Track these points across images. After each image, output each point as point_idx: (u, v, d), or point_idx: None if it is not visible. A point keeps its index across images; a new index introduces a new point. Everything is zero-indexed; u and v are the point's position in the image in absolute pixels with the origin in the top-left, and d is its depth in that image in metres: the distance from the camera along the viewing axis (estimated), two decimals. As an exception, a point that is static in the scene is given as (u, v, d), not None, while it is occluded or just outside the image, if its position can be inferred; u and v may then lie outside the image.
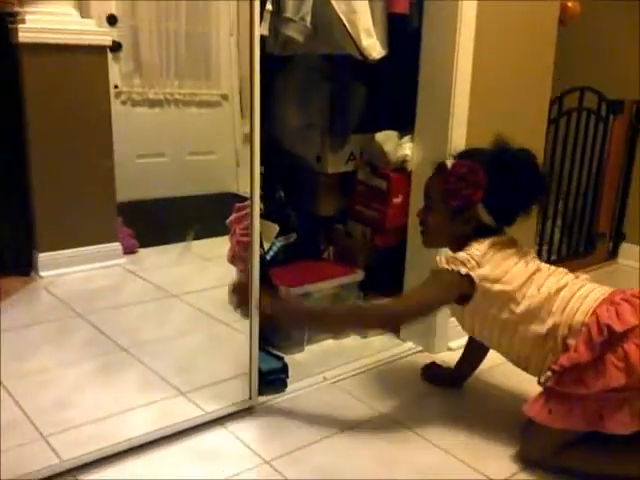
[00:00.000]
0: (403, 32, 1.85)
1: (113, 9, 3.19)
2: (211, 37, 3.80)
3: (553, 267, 1.53)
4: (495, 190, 1.47)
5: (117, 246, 2.70)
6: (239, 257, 2.13)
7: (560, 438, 1.40)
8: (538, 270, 1.50)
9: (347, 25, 1.76)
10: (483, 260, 1.45)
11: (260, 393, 1.64)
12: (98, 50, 2.52)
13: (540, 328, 1.43)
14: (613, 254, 3.05)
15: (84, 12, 2.62)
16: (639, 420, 1.32)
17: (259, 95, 1.48)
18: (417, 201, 1.95)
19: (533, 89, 2.10)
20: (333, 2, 1.74)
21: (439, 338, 1.98)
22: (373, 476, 1.41)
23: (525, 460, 1.46)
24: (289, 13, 1.65)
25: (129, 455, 1.43)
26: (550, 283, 1.46)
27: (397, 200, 1.99)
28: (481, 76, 1.87)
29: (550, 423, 1.38)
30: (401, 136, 1.97)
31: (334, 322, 1.60)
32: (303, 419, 1.61)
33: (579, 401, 1.35)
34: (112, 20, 3.20)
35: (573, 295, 1.44)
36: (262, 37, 1.49)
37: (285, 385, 1.72)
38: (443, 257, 1.49)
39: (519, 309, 1.44)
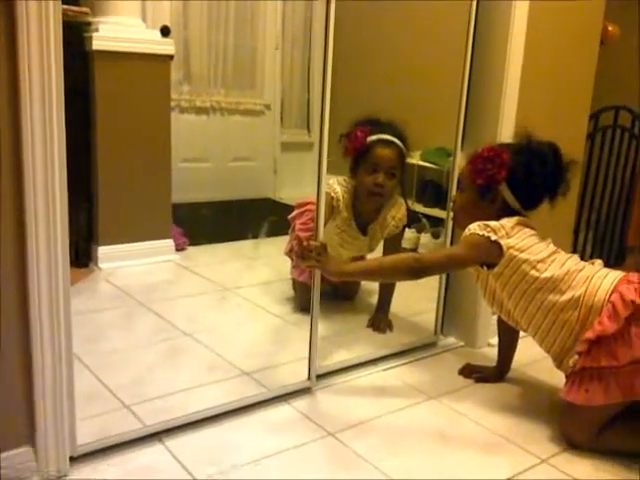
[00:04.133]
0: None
1: (167, 21, 3.37)
2: (257, 50, 4.00)
3: (570, 254, 1.69)
4: (519, 173, 1.65)
5: (170, 243, 2.86)
6: (295, 252, 2.28)
7: (599, 416, 1.54)
8: (558, 252, 1.67)
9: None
10: (512, 231, 1.62)
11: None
12: (162, 59, 2.69)
13: (558, 298, 1.58)
14: (642, 267, 3.16)
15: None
16: None
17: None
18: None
19: (574, 106, 2.25)
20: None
21: (480, 334, 2.11)
22: (434, 452, 1.54)
23: (567, 442, 1.59)
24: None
25: (206, 424, 1.57)
26: (571, 262, 1.64)
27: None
28: (527, 92, 2.01)
29: (589, 402, 1.51)
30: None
31: (372, 274, 1.79)
32: (360, 400, 1.75)
33: (612, 375, 1.49)
34: (165, 31, 3.37)
35: (593, 275, 1.60)
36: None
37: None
38: (476, 224, 1.64)
39: (541, 277, 1.59)
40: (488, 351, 2.09)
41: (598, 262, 1.69)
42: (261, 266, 2.87)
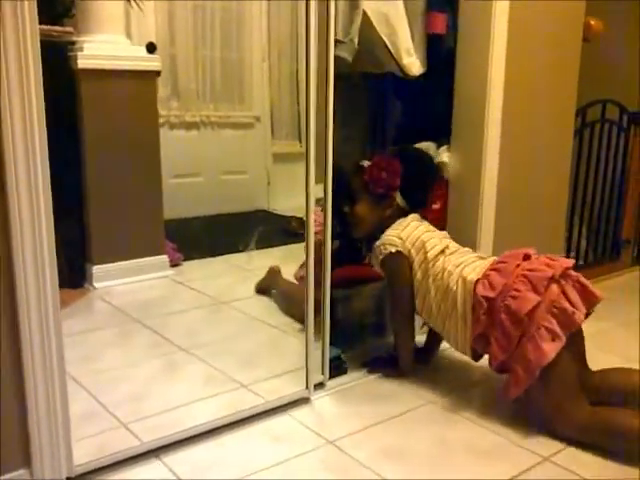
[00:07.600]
0: (440, 51, 2.01)
1: (153, 37, 3.38)
2: (244, 63, 4.00)
3: (459, 246, 1.82)
4: (404, 178, 1.82)
5: (164, 259, 2.85)
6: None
7: (547, 399, 1.58)
8: (447, 248, 1.79)
9: (389, 45, 1.92)
10: (403, 233, 1.79)
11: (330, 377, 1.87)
12: (148, 75, 2.69)
13: (442, 290, 1.73)
14: (638, 259, 3.15)
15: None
16: (554, 344, 1.52)
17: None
18: (454, 206, 2.10)
19: (560, 101, 2.25)
20: (376, 25, 1.90)
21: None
22: (435, 457, 1.52)
23: (552, 435, 1.59)
24: (339, 35, 1.81)
25: (204, 438, 1.56)
26: (454, 258, 1.76)
27: (436, 206, 2.13)
28: (512, 90, 2.02)
29: (518, 388, 1.59)
30: (438, 146, 2.12)
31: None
32: (357, 407, 1.74)
33: (516, 358, 1.58)
34: (151, 48, 3.37)
35: (464, 266, 1.72)
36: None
37: (345, 370, 1.93)
38: (375, 249, 1.81)
39: (430, 273, 1.75)
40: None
41: (466, 249, 1.81)
42: (256, 278, 2.85)
